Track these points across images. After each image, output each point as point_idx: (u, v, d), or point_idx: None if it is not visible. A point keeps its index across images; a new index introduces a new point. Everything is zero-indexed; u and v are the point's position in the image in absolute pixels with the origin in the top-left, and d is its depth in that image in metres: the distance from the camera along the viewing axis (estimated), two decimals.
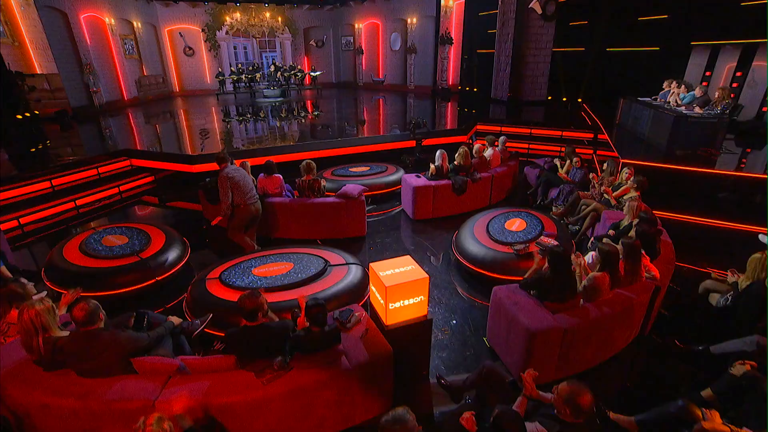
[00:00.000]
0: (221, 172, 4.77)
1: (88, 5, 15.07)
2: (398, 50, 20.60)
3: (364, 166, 7.78)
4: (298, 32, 22.70)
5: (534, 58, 14.93)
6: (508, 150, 7.39)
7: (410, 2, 19.26)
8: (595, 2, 13.26)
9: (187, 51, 21.15)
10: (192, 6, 20.37)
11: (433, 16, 18.27)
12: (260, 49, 22.67)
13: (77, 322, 2.47)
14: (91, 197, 7.50)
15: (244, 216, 4.98)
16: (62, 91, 13.55)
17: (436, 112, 15.66)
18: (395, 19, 20.23)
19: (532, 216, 5.32)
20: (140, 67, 18.69)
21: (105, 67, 16.05)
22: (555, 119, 12.50)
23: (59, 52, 13.51)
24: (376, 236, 5.97)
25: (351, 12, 22.12)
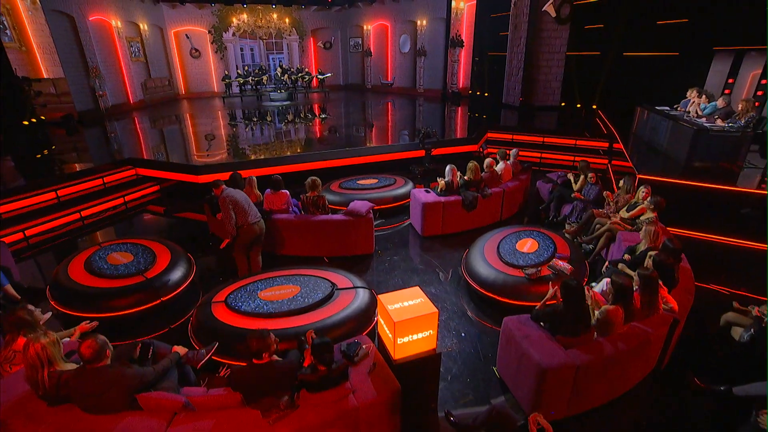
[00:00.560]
0: (221, 195, 4.82)
1: (95, 8, 15.29)
2: (407, 53, 20.62)
3: (372, 179, 7.79)
4: (306, 34, 22.81)
5: (547, 62, 14.86)
6: (519, 163, 7.35)
7: (420, 4, 19.27)
8: (611, 5, 13.10)
9: (194, 53, 21.38)
10: (199, 7, 20.59)
11: (443, 18, 18.27)
12: (267, 51, 22.83)
13: (84, 359, 2.51)
14: (96, 208, 7.60)
15: (247, 236, 5.04)
16: (68, 95, 13.77)
17: (445, 118, 15.65)
18: (405, 21, 20.26)
19: (545, 236, 5.29)
20: (146, 70, 18.92)
21: (111, 71, 16.27)
22: (568, 127, 12.43)
23: (66, 55, 13.73)
24: (384, 253, 5.97)
25: (359, 13, 22.19)
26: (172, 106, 18.90)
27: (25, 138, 11.53)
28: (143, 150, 10.52)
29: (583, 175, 6.60)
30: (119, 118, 15.40)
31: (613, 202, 5.83)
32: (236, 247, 5.04)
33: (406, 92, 21.20)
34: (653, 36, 12.20)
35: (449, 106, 17.65)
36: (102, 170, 8.31)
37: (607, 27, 13.41)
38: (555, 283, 3.82)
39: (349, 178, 7.89)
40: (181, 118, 15.56)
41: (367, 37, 22.20)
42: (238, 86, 19.52)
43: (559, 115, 14.51)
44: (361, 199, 6.95)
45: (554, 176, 7.23)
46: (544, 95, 15.23)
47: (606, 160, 10.18)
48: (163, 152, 10.51)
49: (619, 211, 5.65)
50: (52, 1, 13.27)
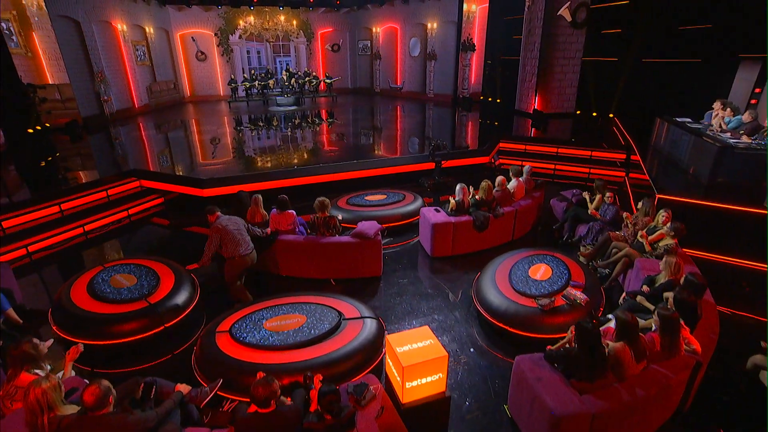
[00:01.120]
0: (213, 223, 4.84)
1: (101, 12, 15.52)
2: (417, 56, 20.63)
3: (381, 194, 7.79)
4: (313, 36, 22.93)
5: (562, 68, 14.78)
6: (533, 180, 7.30)
7: (431, 6, 19.28)
8: (630, 9, 12.95)
9: (200, 56, 21.59)
10: (205, 9, 20.80)
11: (454, 21, 18.26)
12: (274, 54, 22.99)
13: (86, 407, 2.52)
14: (100, 222, 7.68)
15: (239, 268, 5.05)
16: (73, 101, 13.98)
17: (456, 125, 15.64)
18: (415, 24, 20.27)
19: (558, 261, 5.23)
20: (151, 74, 19.14)
21: (116, 75, 16.49)
22: (584, 136, 12.32)
23: (71, 61, 13.93)
24: (392, 275, 5.95)
25: (368, 15, 22.26)
26: (177, 110, 19.09)
27: (29, 147, 11.70)
28: (148, 158, 10.65)
29: (599, 194, 6.53)
30: (124, 123, 15.60)
31: (632, 224, 5.75)
32: (228, 278, 5.07)
33: (415, 97, 21.18)
34: (674, 42, 11.94)
35: (460, 112, 17.62)
36: (106, 182, 8.39)
37: (625, 32, 13.26)
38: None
39: (357, 194, 7.88)
40: (186, 125, 15.71)
41: (376, 39, 22.25)
42: (244, 90, 19.66)
43: (574, 123, 14.41)
44: (369, 217, 6.99)
45: (569, 194, 7.16)
46: (558, 102, 15.14)
47: (623, 172, 10.09)
48: (168, 160, 10.65)
49: (637, 234, 5.58)
50: (59, 7, 13.49)
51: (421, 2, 19.48)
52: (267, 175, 8.61)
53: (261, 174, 8.61)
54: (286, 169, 8.82)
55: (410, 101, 20.65)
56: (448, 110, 18.13)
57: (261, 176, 8.58)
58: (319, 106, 19.65)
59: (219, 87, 22.19)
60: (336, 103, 19.92)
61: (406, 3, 20.07)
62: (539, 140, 11.46)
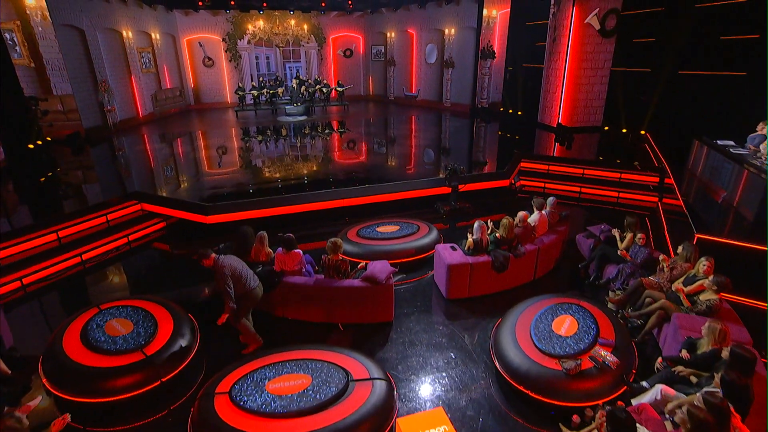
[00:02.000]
0: (216, 263, 4.80)
1: (107, 20, 15.84)
2: (434, 63, 20.61)
3: (393, 225, 7.69)
4: (325, 41, 23.05)
5: (589, 79, 14.58)
6: (557, 213, 7.13)
7: (448, 11, 19.25)
8: (665, 15, 12.64)
9: (207, 62, 21.88)
10: (213, 14, 21.11)
11: (473, 27, 18.20)
12: (284, 59, 23.19)
13: None
14: (98, 249, 7.73)
15: (252, 303, 5.09)
16: (75, 112, 14.25)
17: (474, 137, 15.53)
18: (431, 30, 20.25)
19: (585, 313, 5.06)
20: (157, 81, 19.44)
21: (120, 84, 16.77)
22: (612, 155, 12.07)
23: (74, 71, 14.23)
24: (404, 320, 5.84)
25: (383, 20, 22.31)
26: (182, 120, 19.34)
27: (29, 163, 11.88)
28: (150, 175, 10.79)
29: (630, 233, 6.34)
30: (128, 133, 15.86)
31: (668, 269, 5.54)
32: (239, 316, 5.01)
33: (431, 106, 21.13)
34: (715, 52, 11.48)
35: (478, 123, 17.51)
36: (106, 206, 8.45)
37: (659, 40, 12.94)
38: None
39: (368, 224, 7.81)
40: (190, 137, 15.88)
41: (391, 45, 22.29)
42: (252, 99, 19.81)
43: (602, 139, 14.17)
44: (381, 252, 6.95)
45: (596, 230, 6.97)
46: (584, 115, 14.94)
47: (656, 197, 9.84)
48: (170, 178, 10.75)
49: (674, 282, 5.38)
50: (63, 16, 13.78)
51: (439, 7, 19.46)
52: (273, 201, 8.59)
53: (267, 200, 8.58)
54: (294, 195, 8.77)
55: (426, 111, 20.57)
56: (465, 121, 18.02)
57: (267, 202, 8.56)
58: (330, 116, 19.70)
59: (226, 94, 22.44)
60: (347, 113, 19.95)
61: (422, 7, 20.06)
62: (564, 160, 11.26)
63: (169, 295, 6.54)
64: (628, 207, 9.95)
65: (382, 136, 15.96)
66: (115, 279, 7.30)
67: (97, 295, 6.74)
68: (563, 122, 14.74)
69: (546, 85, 15.43)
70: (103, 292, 6.86)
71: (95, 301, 6.43)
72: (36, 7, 12.85)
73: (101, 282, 7.15)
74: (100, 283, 7.11)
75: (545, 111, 15.61)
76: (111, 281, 7.22)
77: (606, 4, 13.67)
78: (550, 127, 15.20)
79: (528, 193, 10.78)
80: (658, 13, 12.89)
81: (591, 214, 9.69)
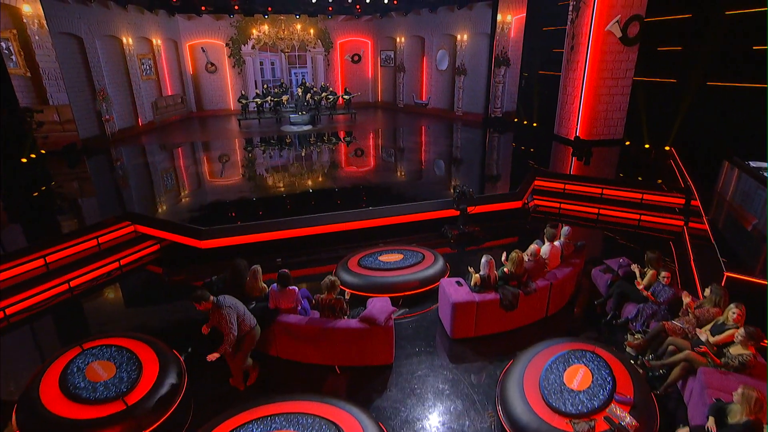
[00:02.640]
0: (219, 309, 4.70)
1: (106, 27, 16.02)
2: (445, 70, 20.54)
3: (397, 254, 7.55)
4: (332, 46, 23.10)
5: (609, 89, 14.36)
6: (572, 244, 6.93)
7: (461, 16, 19.17)
8: (693, 23, 12.35)
9: (209, 67, 22.04)
10: (216, 19, 21.26)
11: (486, 33, 18.09)
12: (289, 65, 23.28)
13: None
14: (88, 276, 7.69)
15: (252, 341, 5.05)
16: (72, 123, 14.38)
17: (486, 151, 15.39)
18: (443, 35, 20.19)
19: (600, 362, 4.85)
20: (157, 88, 19.61)
21: (120, 92, 16.93)
22: (634, 173, 11.81)
23: (71, 80, 14.38)
24: (405, 362, 5.68)
25: (392, 24, 22.30)
26: (183, 128, 19.49)
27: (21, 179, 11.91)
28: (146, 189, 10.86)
29: (651, 270, 6.11)
30: (126, 143, 16.05)
31: (693, 315, 5.31)
32: (242, 358, 4.99)
33: (442, 114, 21.03)
34: (747, 63, 11.13)
35: (491, 134, 17.37)
36: (98, 228, 8.43)
37: (686, 49, 12.64)
38: None
39: (370, 251, 7.68)
40: (189, 149, 15.94)
41: (401, 50, 22.27)
42: (256, 107, 19.86)
43: (622, 154, 13.91)
44: (383, 284, 6.85)
45: (614, 264, 6.74)
46: (604, 128, 14.71)
47: (681, 221, 9.58)
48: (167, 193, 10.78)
49: (700, 328, 5.15)
50: (61, 24, 13.95)
51: (451, 12, 19.39)
52: (270, 226, 8.50)
53: (263, 224, 8.50)
54: (292, 218, 8.68)
55: (436, 120, 20.48)
56: (477, 132, 17.89)
57: (264, 227, 8.47)
58: (336, 125, 19.67)
59: (229, 101, 22.56)
60: (354, 122, 19.91)
61: (433, 12, 20.01)
62: (581, 179, 11.02)
63: (159, 325, 6.52)
64: (650, 230, 9.72)
65: (390, 149, 15.89)
66: (103, 308, 7.24)
67: (84, 328, 6.68)
68: (581, 135, 14.50)
69: (563, 96, 15.22)
70: (90, 323, 6.81)
71: (80, 335, 6.39)
72: (33, 15, 13.01)
73: (89, 311, 7.10)
74: (88, 313, 7.06)
75: (562, 123, 15.39)
76: (99, 310, 7.16)
77: (628, 11, 13.46)
78: (567, 140, 14.97)
79: (542, 213, 10.61)
80: (685, 20, 12.62)
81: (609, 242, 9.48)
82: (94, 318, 6.94)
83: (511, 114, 18.36)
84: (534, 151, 14.63)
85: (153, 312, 7.01)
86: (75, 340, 5.45)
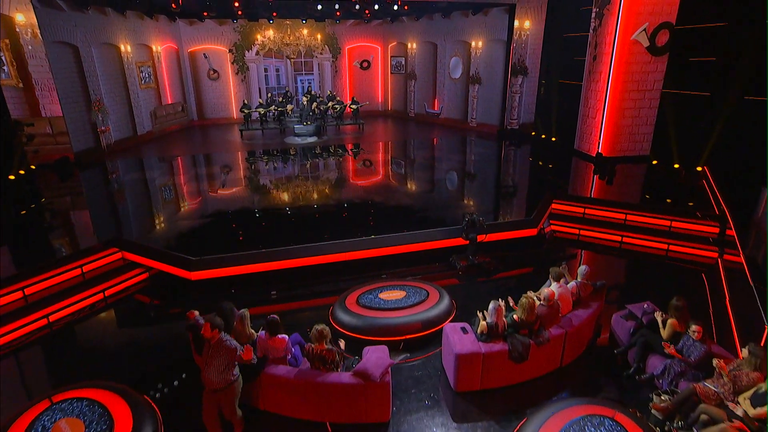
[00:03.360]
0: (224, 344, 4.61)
1: (103, 34, 16.17)
2: (459, 79, 20.39)
3: (399, 290, 7.32)
4: (340, 52, 23.08)
5: (635, 102, 14.03)
6: (590, 284, 6.61)
7: (475, 22, 19.00)
8: (729, 31, 11.92)
9: (212, 74, 22.13)
10: (219, 23, 21.34)
11: (503, 40, 17.89)
12: (295, 72, 23.29)
13: None
14: (69, 309, 7.56)
15: (235, 393, 4.83)
16: (65, 135, 14.46)
17: (501, 166, 15.17)
18: (456, 41, 20.05)
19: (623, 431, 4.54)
20: (157, 97, 19.71)
21: (117, 102, 17.06)
22: (661, 195, 11.42)
23: (66, 90, 14.47)
24: (401, 419, 5.41)
25: (403, 29, 22.22)
26: (183, 138, 19.61)
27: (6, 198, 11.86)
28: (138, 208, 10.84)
29: (672, 319, 5.75)
30: (123, 155, 16.19)
31: (728, 378, 4.92)
32: (236, 404, 4.84)
33: (455, 125, 20.87)
34: None
35: (506, 147, 17.14)
36: (84, 255, 8.33)
37: (722, 60, 12.18)
38: None
39: (370, 287, 7.47)
40: (187, 162, 15.95)
41: (412, 57, 22.17)
42: (258, 116, 19.83)
43: (649, 173, 13.52)
44: (383, 326, 6.64)
45: (638, 310, 6.40)
46: (628, 144, 14.39)
47: (716, 253, 9.19)
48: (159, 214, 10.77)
49: (737, 395, 4.78)
50: (56, 32, 14.06)
51: (465, 17, 19.23)
52: (267, 256, 8.33)
53: (260, 254, 8.33)
54: (289, 248, 8.50)
55: (449, 131, 20.33)
56: (492, 144, 17.69)
57: (260, 257, 8.30)
58: (343, 136, 19.55)
59: (232, 109, 22.61)
60: (362, 133, 19.79)
61: (447, 17, 19.86)
62: (603, 203, 10.67)
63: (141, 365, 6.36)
64: (680, 261, 9.34)
65: (399, 165, 15.78)
66: (83, 345, 7.12)
67: (60, 370, 6.52)
68: (604, 152, 14.16)
69: (584, 109, 14.90)
70: (67, 363, 6.64)
71: (55, 379, 6.27)
72: (26, 24, 13.11)
73: (67, 350, 6.97)
74: (66, 352, 6.92)
75: (583, 137, 15.06)
76: (78, 348, 7.04)
77: (657, 18, 13.11)
78: (588, 156, 14.63)
79: (560, 240, 10.29)
80: (721, 28, 12.17)
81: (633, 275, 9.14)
82: (72, 357, 6.78)
83: (528, 126, 18.08)
84: (552, 167, 14.34)
85: (135, 350, 6.82)
86: (48, 387, 5.32)
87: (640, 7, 12.96)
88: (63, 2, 14.19)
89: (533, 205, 10.45)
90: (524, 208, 11.22)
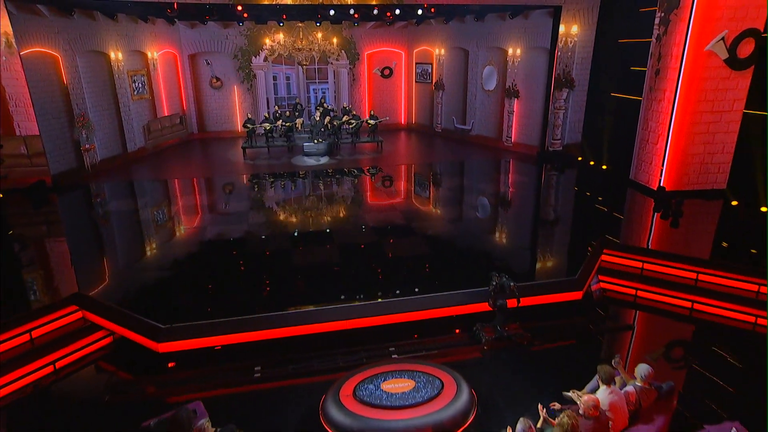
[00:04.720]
0: None
1: (90, 40, 16.11)
2: (493, 91, 19.75)
3: (407, 379, 6.49)
4: (358, 58, 22.70)
5: (708, 126, 12.98)
6: (653, 389, 5.67)
7: (513, 27, 18.32)
8: None
9: (214, 83, 22.02)
10: (224, 26, 21.16)
11: (546, 48, 17.15)
12: (307, 80, 23.01)
13: None
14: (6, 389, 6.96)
15: None
16: (42, 156, 14.31)
17: (540, 199, 14.41)
18: (490, 48, 19.47)
19: None
20: (151, 109, 19.60)
21: (104, 116, 17.00)
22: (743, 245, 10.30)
23: (44, 105, 14.35)
24: None
25: (430, 33, 21.80)
26: (179, 155, 19.54)
27: None
28: (113, 247, 10.58)
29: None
30: (108, 176, 16.09)
31: None
32: None
33: (487, 144, 20.26)
34: None
35: (547, 173, 16.37)
36: (34, 317, 7.77)
37: None
38: None
39: (371, 373, 6.64)
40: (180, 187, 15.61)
41: (440, 64, 21.69)
42: (264, 132, 19.41)
43: (726, 215, 12.39)
44: (385, 430, 5.80)
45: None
46: (700, 176, 13.36)
47: None
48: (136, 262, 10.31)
49: None
50: (34, 40, 13.94)
51: (501, 20, 18.58)
52: (251, 323, 7.65)
53: (242, 321, 7.65)
54: (278, 314, 7.84)
55: (481, 150, 19.75)
56: (531, 169, 17.00)
57: (242, 324, 7.61)
58: (359, 157, 18.98)
59: (236, 121, 22.37)
60: (381, 153, 19.20)
61: (480, 20, 19.23)
62: (666, 257, 9.61)
63: None
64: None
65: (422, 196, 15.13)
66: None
67: None
68: (667, 185, 13.14)
69: (644, 132, 13.91)
70: None
71: None
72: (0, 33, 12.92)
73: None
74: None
75: (641, 166, 14.07)
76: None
77: (739, 24, 11.99)
78: (648, 188, 13.64)
79: (611, 301, 9.32)
80: None
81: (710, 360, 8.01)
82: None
83: (574, 148, 17.25)
84: (602, 201, 13.44)
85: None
86: None
87: (718, 11, 11.91)
88: (45, 7, 14.03)
89: (577, 251, 9.63)
90: (565, 258, 10.32)
